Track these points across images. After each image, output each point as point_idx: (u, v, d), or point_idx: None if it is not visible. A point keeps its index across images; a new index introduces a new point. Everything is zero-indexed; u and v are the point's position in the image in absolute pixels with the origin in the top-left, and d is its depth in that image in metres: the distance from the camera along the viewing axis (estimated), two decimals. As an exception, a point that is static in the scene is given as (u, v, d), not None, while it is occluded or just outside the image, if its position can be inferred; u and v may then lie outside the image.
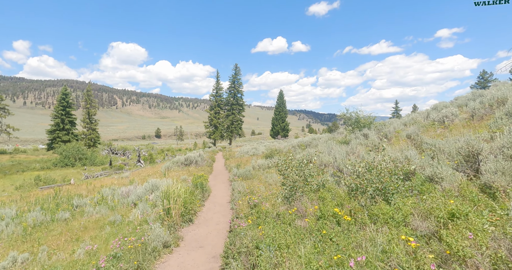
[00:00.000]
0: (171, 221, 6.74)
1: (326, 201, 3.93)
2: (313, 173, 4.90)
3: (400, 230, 2.70)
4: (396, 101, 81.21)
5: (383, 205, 3.04)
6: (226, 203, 10.03)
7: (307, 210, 4.01)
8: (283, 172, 5.28)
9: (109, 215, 9.02)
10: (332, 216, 3.43)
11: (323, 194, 4.29)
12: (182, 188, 7.57)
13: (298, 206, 4.58)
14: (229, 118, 57.31)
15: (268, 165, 13.67)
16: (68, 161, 30.05)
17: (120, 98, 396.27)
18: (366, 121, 11.20)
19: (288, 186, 5.00)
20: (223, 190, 12.57)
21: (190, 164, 19.64)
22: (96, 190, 13.23)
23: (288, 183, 5.03)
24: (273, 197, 7.30)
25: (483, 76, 60.11)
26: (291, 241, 3.13)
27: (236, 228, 5.45)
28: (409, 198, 3.22)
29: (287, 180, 5.10)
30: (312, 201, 4.67)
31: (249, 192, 8.56)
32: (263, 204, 6.55)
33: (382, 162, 3.48)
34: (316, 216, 3.68)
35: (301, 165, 4.98)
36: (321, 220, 3.44)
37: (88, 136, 43.42)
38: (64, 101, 42.75)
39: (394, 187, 3.16)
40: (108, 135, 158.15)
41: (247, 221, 5.10)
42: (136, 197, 9.98)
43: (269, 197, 7.35)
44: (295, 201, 4.76)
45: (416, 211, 2.95)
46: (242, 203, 7.22)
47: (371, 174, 3.28)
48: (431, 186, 3.46)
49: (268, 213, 4.89)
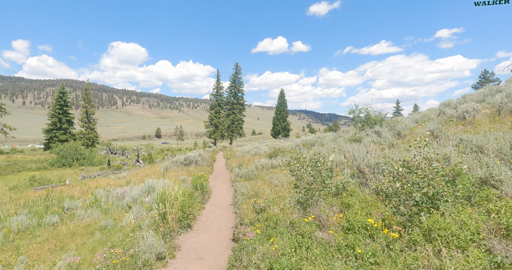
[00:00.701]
0: (167, 228, 6.02)
1: (353, 209, 3.22)
2: (331, 174, 4.18)
3: (471, 253, 1.99)
4: (397, 101, 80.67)
5: (437, 216, 2.32)
6: (228, 206, 9.31)
7: (329, 219, 3.29)
8: (295, 172, 4.55)
9: (101, 219, 8.30)
10: (364, 228, 2.72)
11: (347, 199, 3.57)
12: (179, 189, 6.85)
13: (316, 213, 3.85)
14: (229, 118, 56.60)
15: (272, 165, 12.94)
16: (65, 161, 29.32)
17: (120, 98, 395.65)
18: (377, 118, 10.46)
19: (302, 188, 4.27)
20: (225, 191, 11.85)
21: (190, 164, 18.92)
22: (91, 191, 12.52)
23: (302, 185, 4.30)
24: (280, 200, 6.58)
25: (485, 75, 59.61)
26: (315, 261, 2.41)
27: (241, 237, 4.72)
28: (466, 207, 2.49)
29: (301, 181, 4.37)
30: (331, 207, 3.94)
31: (253, 194, 7.83)
32: (271, 208, 5.83)
33: (425, 160, 2.76)
34: (342, 227, 2.97)
35: (317, 165, 4.26)
36: (350, 234, 2.73)
37: (86, 135, 42.62)
38: (62, 100, 41.91)
39: (449, 192, 2.44)
40: (108, 135, 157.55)
41: (254, 230, 4.37)
42: (131, 199, 9.26)
43: (277, 200, 6.62)
44: (312, 207, 4.04)
45: (486, 226, 2.24)
46: (246, 207, 6.49)
47: (416, 175, 2.57)
48: (489, 191, 2.73)
49: (279, 221, 4.16)
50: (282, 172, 11.08)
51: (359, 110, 10.82)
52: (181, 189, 7.08)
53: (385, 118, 10.68)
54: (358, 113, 10.85)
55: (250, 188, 8.96)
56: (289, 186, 7.90)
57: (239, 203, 7.47)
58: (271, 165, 13.01)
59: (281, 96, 71.96)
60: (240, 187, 9.61)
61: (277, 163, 12.98)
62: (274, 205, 6.26)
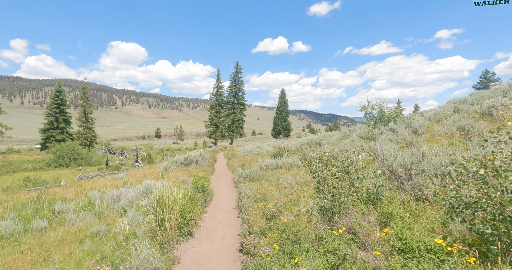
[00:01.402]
0: (165, 236, 5.31)
1: (402, 222, 2.51)
2: (361, 175, 3.47)
3: None
4: (398, 101, 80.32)
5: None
6: (232, 209, 8.60)
7: (370, 235, 2.58)
8: (317, 173, 3.84)
9: (93, 224, 7.59)
10: (427, 250, 2.02)
11: (388, 207, 2.86)
12: (179, 192, 6.14)
13: (346, 223, 3.14)
14: (230, 118, 55.88)
15: (277, 165, 12.23)
16: (62, 161, 28.56)
17: (120, 98, 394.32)
18: (392, 115, 9.75)
19: (327, 193, 3.56)
20: (227, 193, 11.15)
21: (190, 164, 18.21)
22: (85, 192, 11.80)
23: (326, 189, 3.59)
24: (293, 205, 5.87)
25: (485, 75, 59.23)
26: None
27: (251, 251, 4.00)
28: None
29: (325, 184, 3.66)
30: (363, 216, 3.23)
31: (260, 197, 7.12)
32: (284, 214, 5.11)
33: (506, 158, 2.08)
34: (392, 247, 2.27)
35: (344, 164, 3.55)
36: (408, 257, 2.03)
37: (84, 135, 41.75)
38: (58, 98, 40.92)
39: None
40: (107, 135, 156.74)
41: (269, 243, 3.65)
42: (127, 202, 8.55)
43: (289, 204, 5.91)
44: (340, 216, 3.33)
45: None
46: (255, 213, 5.77)
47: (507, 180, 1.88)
48: None
49: (299, 232, 3.45)
50: (289, 172, 10.38)
51: (372, 107, 10.12)
52: (181, 191, 6.37)
53: (400, 115, 9.96)
54: (370, 110, 10.14)
55: (256, 190, 8.26)
56: (300, 188, 7.19)
57: (245, 207, 6.76)
58: (276, 165, 12.30)
59: (282, 96, 71.27)
60: (244, 189, 8.91)
61: (282, 162, 12.27)
62: (286, 210, 5.55)
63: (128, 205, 8.54)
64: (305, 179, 7.78)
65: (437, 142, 7.74)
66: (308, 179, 7.65)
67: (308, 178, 7.74)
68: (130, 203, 8.54)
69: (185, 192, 6.57)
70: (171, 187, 6.32)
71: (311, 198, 5.76)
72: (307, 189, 6.81)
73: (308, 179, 7.61)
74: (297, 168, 11.01)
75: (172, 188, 6.20)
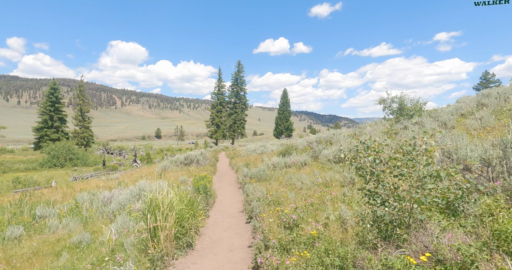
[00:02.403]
0: (158, 249, 4.23)
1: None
2: (436, 173, 2.40)
3: None
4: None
5: None
6: (238, 213, 7.52)
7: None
8: (366, 170, 2.76)
9: (77, 232, 6.51)
10: None
11: (508, 223, 1.78)
12: (177, 195, 5.06)
13: (425, 244, 2.07)
14: (231, 117, 54.81)
15: (286, 164, 11.15)
16: (56, 161, 27.43)
17: (120, 98, 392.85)
18: (415, 107, 8.67)
19: (386, 198, 2.47)
20: (232, 194, 10.07)
21: (190, 163, 17.13)
22: (75, 194, 10.71)
23: (385, 191, 2.51)
24: (316, 210, 4.78)
25: (486, 76, 58.60)
26: None
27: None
28: None
29: (381, 185, 2.58)
30: (443, 231, 2.16)
31: (273, 200, 6.04)
32: (312, 224, 4.03)
33: None
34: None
35: (411, 157, 2.48)
36: None
37: (81, 134, 40.39)
38: (53, 96, 39.52)
39: None
40: (107, 135, 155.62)
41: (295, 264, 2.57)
42: (118, 206, 7.47)
43: (310, 209, 4.82)
44: (409, 232, 2.26)
45: None
46: (272, 220, 4.67)
47: None
48: None
49: (347, 255, 2.37)
50: (300, 171, 9.29)
51: (391, 100, 9.03)
52: (179, 193, 5.29)
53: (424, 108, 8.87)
54: (389, 103, 9.06)
55: (266, 191, 7.17)
56: (319, 189, 6.10)
57: (255, 212, 5.67)
58: (285, 163, 11.22)
59: (284, 96, 70.28)
60: (252, 190, 7.82)
61: (291, 161, 11.19)
62: (309, 217, 4.46)
63: (119, 209, 7.47)
64: (323, 178, 6.69)
65: (478, 135, 6.66)
66: (328, 178, 6.57)
67: (327, 177, 6.65)
68: (121, 206, 7.46)
69: (184, 194, 5.49)
70: (168, 188, 5.25)
71: (340, 202, 4.67)
72: (329, 190, 5.72)
73: (328, 179, 6.52)
74: (308, 166, 9.93)
75: (169, 189, 5.12)
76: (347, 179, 5.88)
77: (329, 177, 6.57)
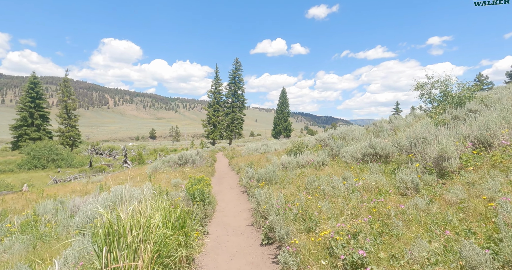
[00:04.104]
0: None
1: None
2: None
3: None
4: (397, 103, 79.75)
5: None
6: (246, 227, 5.73)
7: None
8: None
9: (19, 259, 4.60)
10: None
11: None
12: (160, 209, 3.21)
13: None
14: (229, 117, 52.92)
15: (298, 163, 9.35)
16: (37, 162, 25.08)
17: (112, 97, 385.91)
18: (465, 94, 6.92)
19: None
20: (235, 200, 8.25)
21: (185, 164, 15.23)
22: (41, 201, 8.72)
23: None
24: (387, 236, 2.95)
25: (479, 79, 58.69)
26: None
27: None
28: None
29: None
30: None
31: (301, 214, 4.21)
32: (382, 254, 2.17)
33: None
34: None
35: None
36: None
37: (66, 133, 37.32)
38: (33, 91, 36.53)
39: None
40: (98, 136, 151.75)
41: None
42: (85, 218, 5.56)
43: (373, 232, 2.99)
44: None
45: None
46: (313, 252, 2.83)
47: None
48: None
49: None
50: (319, 173, 7.49)
51: (432, 85, 7.30)
52: (164, 207, 3.44)
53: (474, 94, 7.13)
54: (430, 89, 7.34)
55: (284, 198, 5.34)
56: (367, 196, 4.28)
57: (279, 233, 3.83)
58: (297, 163, 9.42)
59: (283, 96, 68.71)
60: (264, 197, 6.00)
61: (304, 160, 9.39)
62: (379, 249, 2.65)
63: (86, 223, 5.56)
64: (364, 182, 4.87)
65: None
66: (372, 182, 4.74)
67: (370, 180, 4.82)
68: (88, 219, 5.55)
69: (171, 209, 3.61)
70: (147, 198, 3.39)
71: (427, 223, 2.86)
72: (391, 198, 3.89)
73: (373, 183, 4.70)
74: (329, 166, 8.13)
75: (148, 201, 3.27)
76: (405, 184, 4.07)
77: (372, 180, 4.76)
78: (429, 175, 3.84)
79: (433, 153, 4.00)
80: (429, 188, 3.56)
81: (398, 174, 4.24)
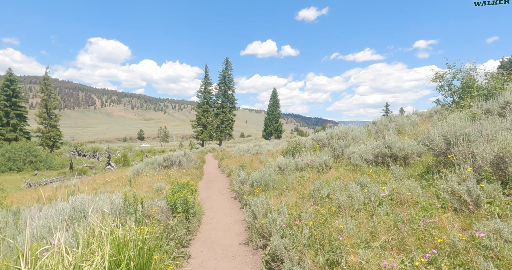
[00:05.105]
0: None
1: None
2: None
3: None
4: (387, 104, 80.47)
5: None
6: (239, 246, 4.62)
7: None
8: None
9: None
10: None
11: None
12: (107, 241, 2.05)
13: None
14: (219, 117, 51.56)
15: (297, 166, 8.32)
16: (12, 164, 23.07)
17: (99, 98, 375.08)
18: (495, 84, 6.02)
19: None
20: (225, 208, 7.12)
21: (171, 166, 13.96)
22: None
23: None
24: None
25: None
26: None
27: None
28: None
29: None
30: None
31: (318, 238, 3.13)
32: None
33: None
34: None
35: None
36: None
37: (46, 133, 35.03)
38: (9, 89, 33.85)
39: None
40: (84, 137, 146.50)
41: None
42: (30, 237, 4.31)
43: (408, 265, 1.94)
44: None
45: None
46: None
47: None
48: None
49: None
50: (323, 177, 6.47)
51: (453, 76, 6.41)
52: (116, 234, 2.28)
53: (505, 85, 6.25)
54: (451, 80, 6.45)
55: (289, 212, 4.26)
56: (407, 213, 3.25)
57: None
58: (296, 165, 8.38)
59: (274, 96, 67.98)
60: (260, 207, 4.91)
61: (304, 162, 8.37)
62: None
63: (33, 242, 4.30)
64: (392, 191, 3.86)
65: None
66: (418, 190, 3.72)
67: (400, 188, 3.81)
68: (34, 239, 4.29)
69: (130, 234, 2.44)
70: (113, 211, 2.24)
71: None
72: (440, 216, 2.87)
73: (418, 191, 3.68)
74: (334, 169, 7.12)
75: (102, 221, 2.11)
76: (457, 196, 3.06)
77: (405, 188, 3.75)
78: (489, 183, 2.85)
79: (489, 154, 3.03)
80: (500, 203, 2.56)
81: (439, 181, 3.24)
